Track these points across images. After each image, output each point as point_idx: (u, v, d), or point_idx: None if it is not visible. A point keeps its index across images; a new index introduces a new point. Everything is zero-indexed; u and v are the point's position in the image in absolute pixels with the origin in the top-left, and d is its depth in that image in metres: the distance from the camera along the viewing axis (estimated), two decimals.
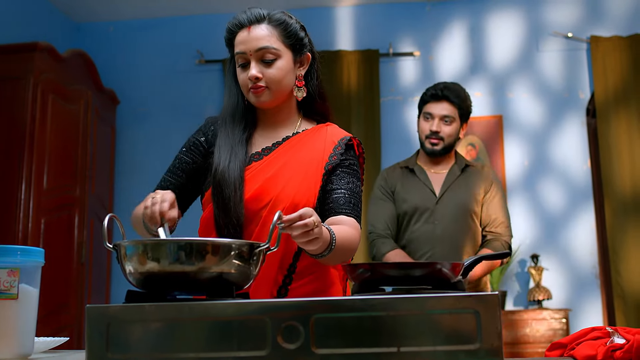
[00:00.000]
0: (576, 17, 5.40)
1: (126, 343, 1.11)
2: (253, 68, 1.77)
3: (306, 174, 1.78)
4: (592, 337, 1.32)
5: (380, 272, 1.24)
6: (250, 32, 1.78)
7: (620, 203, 5.00)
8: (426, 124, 3.02)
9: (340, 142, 1.83)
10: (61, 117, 4.60)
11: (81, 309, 4.64)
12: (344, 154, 1.83)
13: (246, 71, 1.79)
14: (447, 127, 3.00)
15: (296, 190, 1.75)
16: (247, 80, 1.79)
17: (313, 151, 1.81)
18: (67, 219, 4.63)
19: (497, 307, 1.07)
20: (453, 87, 3.05)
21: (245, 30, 1.79)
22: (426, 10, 5.55)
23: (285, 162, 1.79)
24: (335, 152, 1.81)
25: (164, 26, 5.75)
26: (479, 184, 3.05)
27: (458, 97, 3.02)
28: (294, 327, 1.08)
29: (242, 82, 1.81)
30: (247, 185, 1.77)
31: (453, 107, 3.01)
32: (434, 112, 3.01)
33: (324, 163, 1.80)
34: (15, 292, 1.24)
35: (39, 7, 5.28)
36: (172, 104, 5.56)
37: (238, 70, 1.82)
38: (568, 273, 5.07)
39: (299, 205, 1.69)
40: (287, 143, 1.84)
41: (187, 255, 1.18)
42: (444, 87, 3.04)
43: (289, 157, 1.80)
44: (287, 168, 1.78)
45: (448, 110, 3.00)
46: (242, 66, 1.80)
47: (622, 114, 5.12)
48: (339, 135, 1.86)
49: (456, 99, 3.01)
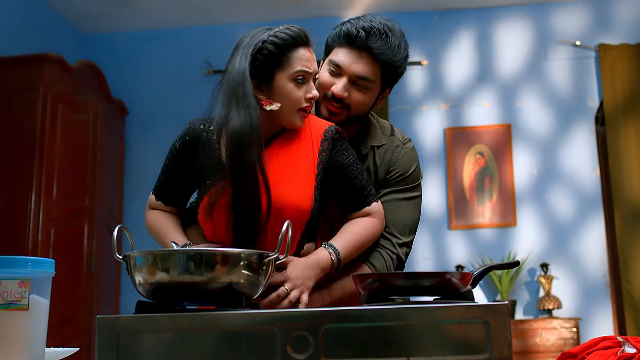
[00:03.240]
0: (584, 25, 5.40)
1: (136, 353, 1.11)
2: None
3: (299, 170, 1.75)
4: (603, 347, 1.31)
5: (389, 282, 1.23)
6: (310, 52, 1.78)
7: (630, 211, 4.97)
8: (329, 78, 1.87)
9: (326, 136, 1.78)
10: (70, 127, 4.62)
11: (90, 319, 4.64)
12: (333, 150, 1.78)
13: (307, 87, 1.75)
14: (358, 95, 1.86)
15: (291, 190, 1.73)
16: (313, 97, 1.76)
17: (302, 146, 1.78)
18: (77, 228, 4.65)
19: (507, 317, 1.07)
20: (384, 31, 1.85)
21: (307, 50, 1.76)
22: (434, 19, 5.56)
23: (276, 165, 1.75)
24: (324, 149, 1.78)
25: (172, 37, 5.78)
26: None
27: (389, 51, 1.84)
28: (304, 337, 1.08)
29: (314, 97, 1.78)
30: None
31: (377, 66, 1.85)
32: (345, 66, 1.85)
33: (315, 162, 1.77)
34: (26, 303, 1.24)
35: (48, 19, 5.32)
36: (181, 114, 5.53)
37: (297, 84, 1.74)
38: (578, 282, 5.04)
39: (299, 206, 1.71)
40: (277, 142, 1.79)
41: (196, 265, 1.18)
42: (370, 28, 1.84)
43: (279, 158, 1.76)
44: (279, 172, 1.74)
45: (367, 70, 1.84)
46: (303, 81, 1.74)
47: (631, 121, 5.10)
48: (321, 127, 1.80)
49: (385, 52, 1.84)
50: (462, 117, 5.40)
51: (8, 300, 1.23)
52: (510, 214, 5.19)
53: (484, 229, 5.23)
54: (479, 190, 5.27)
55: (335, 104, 1.86)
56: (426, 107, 5.45)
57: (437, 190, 5.32)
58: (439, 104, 5.44)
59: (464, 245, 5.22)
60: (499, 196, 5.23)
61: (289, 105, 1.73)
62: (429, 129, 5.41)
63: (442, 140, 5.39)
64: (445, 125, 5.40)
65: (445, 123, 5.41)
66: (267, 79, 1.72)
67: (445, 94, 5.45)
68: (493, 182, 5.26)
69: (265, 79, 1.72)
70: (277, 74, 1.72)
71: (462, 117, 5.40)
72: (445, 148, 5.36)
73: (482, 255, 5.12)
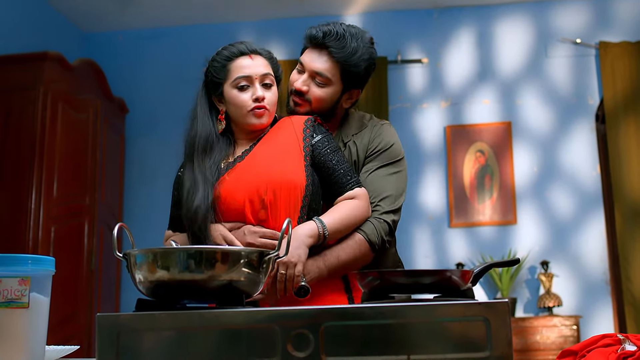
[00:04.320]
0: (585, 22, 5.39)
1: (137, 351, 1.11)
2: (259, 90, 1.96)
3: (287, 154, 1.92)
4: (603, 345, 1.31)
5: (389, 280, 1.24)
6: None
7: (630, 209, 4.97)
8: (295, 76, 2.10)
9: (307, 124, 1.98)
10: (71, 126, 4.62)
11: (91, 317, 4.65)
12: (315, 134, 1.96)
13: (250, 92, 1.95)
14: (317, 89, 2.05)
15: (284, 169, 1.89)
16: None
17: (286, 136, 1.96)
18: (77, 227, 4.65)
19: (507, 315, 1.07)
20: (342, 35, 2.02)
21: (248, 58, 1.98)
22: (434, 17, 5.56)
23: (264, 151, 1.94)
24: (307, 134, 1.96)
25: (173, 35, 5.77)
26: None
27: (342, 50, 2.01)
28: (304, 335, 1.08)
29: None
30: (239, 181, 1.89)
31: (333, 63, 2.03)
32: (305, 63, 2.06)
33: (302, 146, 1.94)
34: (26, 301, 1.25)
35: (48, 17, 5.32)
36: (181, 112, 5.51)
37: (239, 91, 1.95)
38: (578, 279, 5.04)
39: (293, 182, 1.86)
40: (262, 140, 1.98)
41: (196, 263, 1.18)
42: (329, 31, 2.02)
43: (266, 147, 1.95)
44: (269, 155, 1.93)
45: (324, 67, 2.03)
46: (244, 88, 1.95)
47: (631, 119, 5.10)
48: (302, 118, 2.01)
49: (340, 51, 2.01)
50: (462, 115, 5.40)
51: (8, 298, 1.23)
52: (511, 212, 5.19)
53: (484, 227, 5.23)
54: (479, 188, 5.27)
55: (298, 98, 2.07)
56: (426, 105, 5.45)
57: (437, 188, 5.32)
58: (439, 102, 5.44)
59: (464, 243, 5.22)
60: (499, 194, 5.23)
61: (238, 109, 1.94)
62: (429, 127, 5.41)
63: (443, 138, 5.38)
64: (446, 123, 5.40)
65: (446, 121, 5.41)
66: (218, 92, 1.98)
67: (446, 92, 5.45)
68: (493, 180, 5.26)
69: (217, 92, 1.98)
70: (223, 86, 1.96)
71: (462, 115, 5.40)
72: (446, 146, 5.36)
73: (482, 253, 5.12)
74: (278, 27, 5.60)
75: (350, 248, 1.91)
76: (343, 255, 1.89)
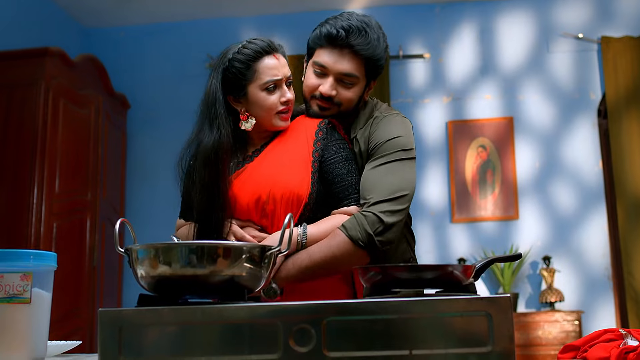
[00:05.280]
0: (586, 17, 5.38)
1: (139, 346, 1.11)
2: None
3: (295, 162, 1.87)
4: (605, 340, 1.31)
5: (391, 275, 1.23)
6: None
7: (632, 204, 4.97)
8: (315, 80, 1.95)
9: (320, 126, 1.91)
10: (72, 121, 4.62)
11: (93, 313, 4.66)
12: (328, 139, 1.89)
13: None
14: (346, 91, 1.94)
15: (288, 179, 1.84)
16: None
17: (296, 141, 1.91)
18: (79, 223, 4.65)
19: (509, 310, 1.07)
20: (363, 28, 1.91)
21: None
22: (435, 12, 5.55)
23: (272, 157, 1.90)
24: (319, 138, 1.89)
25: (174, 31, 5.77)
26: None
27: (370, 46, 1.91)
28: (306, 330, 1.08)
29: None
30: (245, 185, 1.87)
31: (359, 61, 1.92)
32: (329, 66, 1.92)
33: (311, 151, 1.88)
34: (28, 296, 1.25)
35: (50, 13, 5.31)
36: (183, 107, 5.55)
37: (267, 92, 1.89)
38: (580, 275, 5.04)
39: (296, 193, 1.82)
40: (272, 143, 1.94)
41: (198, 258, 1.18)
42: (349, 27, 1.89)
43: (275, 152, 1.91)
44: (277, 161, 1.88)
45: (351, 67, 1.92)
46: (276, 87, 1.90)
47: (633, 114, 5.09)
48: (315, 121, 1.94)
49: (366, 47, 1.91)
50: (464, 110, 5.39)
51: (10, 293, 1.23)
52: (513, 207, 5.19)
53: (486, 222, 5.23)
54: (481, 183, 5.27)
55: (325, 102, 1.94)
56: (428, 100, 5.45)
57: (439, 184, 5.32)
58: (441, 97, 5.43)
59: (466, 239, 5.22)
60: (501, 189, 5.23)
61: (265, 112, 1.88)
62: (431, 122, 5.40)
63: (444, 133, 5.38)
64: (448, 118, 5.40)
65: (448, 116, 5.40)
66: (241, 93, 1.88)
67: (448, 87, 5.44)
68: (495, 175, 5.26)
69: (240, 93, 1.89)
70: (248, 87, 1.87)
71: (464, 110, 5.39)
72: (448, 141, 5.35)
73: (484, 248, 5.12)
74: (280, 22, 5.60)
75: (326, 246, 1.76)
76: (317, 253, 1.77)
